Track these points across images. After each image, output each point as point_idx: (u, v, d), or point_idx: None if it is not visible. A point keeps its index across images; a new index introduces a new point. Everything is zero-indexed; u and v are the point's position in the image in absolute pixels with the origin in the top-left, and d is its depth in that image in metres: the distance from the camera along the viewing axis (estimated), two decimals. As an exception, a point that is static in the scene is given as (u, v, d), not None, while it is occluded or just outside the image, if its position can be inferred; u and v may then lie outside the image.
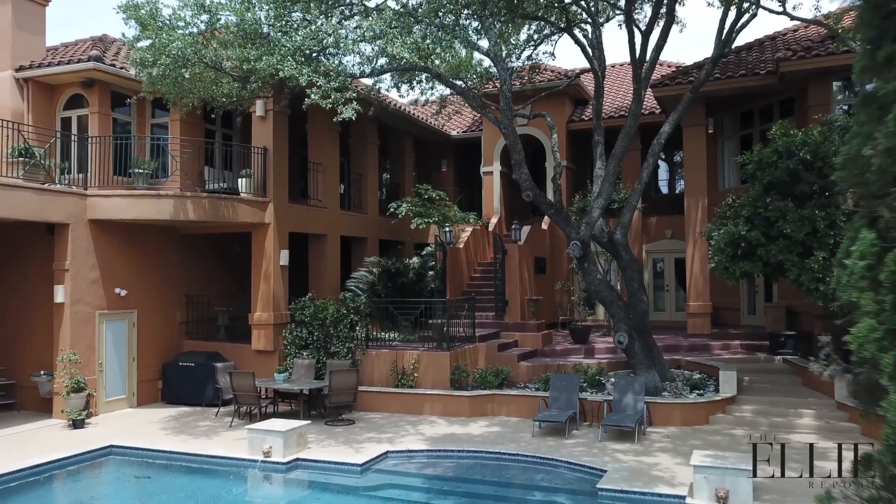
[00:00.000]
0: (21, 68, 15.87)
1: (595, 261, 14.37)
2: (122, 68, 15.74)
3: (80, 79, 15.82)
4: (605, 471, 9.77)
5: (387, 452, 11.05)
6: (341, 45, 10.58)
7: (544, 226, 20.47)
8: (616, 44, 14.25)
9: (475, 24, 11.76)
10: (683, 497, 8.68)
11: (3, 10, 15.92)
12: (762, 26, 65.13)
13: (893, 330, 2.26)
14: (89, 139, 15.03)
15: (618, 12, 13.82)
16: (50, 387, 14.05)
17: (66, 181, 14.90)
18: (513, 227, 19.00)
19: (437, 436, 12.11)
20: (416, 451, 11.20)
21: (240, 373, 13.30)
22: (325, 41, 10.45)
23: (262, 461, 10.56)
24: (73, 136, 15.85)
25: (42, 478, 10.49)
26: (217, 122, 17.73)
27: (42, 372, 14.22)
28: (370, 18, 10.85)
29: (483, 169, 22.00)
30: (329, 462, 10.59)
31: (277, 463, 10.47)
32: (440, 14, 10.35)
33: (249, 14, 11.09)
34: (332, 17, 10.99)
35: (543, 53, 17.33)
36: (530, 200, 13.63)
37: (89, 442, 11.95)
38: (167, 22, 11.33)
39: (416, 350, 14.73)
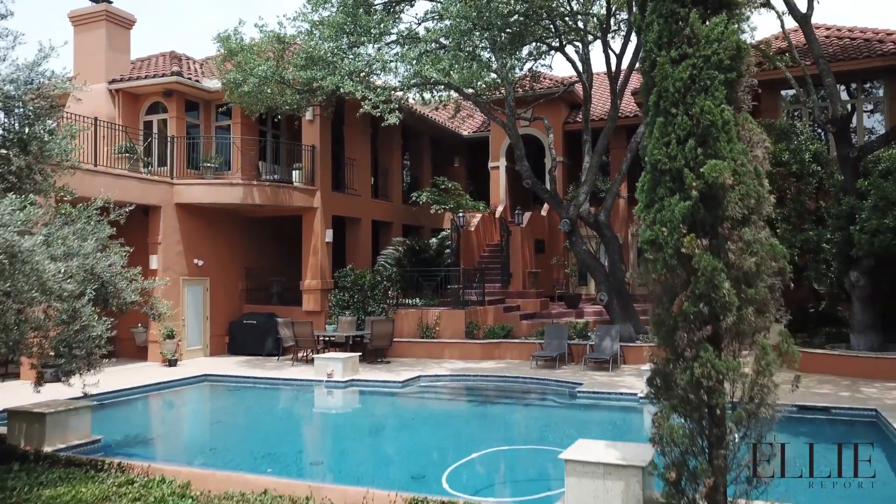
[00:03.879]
0: (113, 81, 19.40)
1: (581, 235, 17.78)
2: (196, 81, 19.26)
3: (161, 89, 19.29)
4: (583, 384, 13.22)
5: (419, 376, 14.58)
6: (386, 67, 14.06)
7: (543, 213, 23.88)
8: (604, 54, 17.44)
9: (487, 54, 15.26)
10: (636, 394, 12.12)
11: (98, 33, 19.46)
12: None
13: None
14: (174, 139, 18.55)
15: (598, 37, 17.19)
16: (145, 336, 17.59)
17: (149, 172, 18.38)
18: (516, 212, 22.45)
19: (456, 368, 15.60)
20: (441, 375, 14.76)
21: (300, 323, 16.83)
22: (373, 66, 13.93)
23: (327, 381, 14.06)
24: (154, 135, 19.35)
25: (160, 392, 14.04)
26: (268, 124, 21.25)
27: (139, 324, 17.75)
28: (407, 47, 14.32)
29: (490, 164, 25.43)
30: (377, 381, 14.12)
31: (338, 381, 13.98)
32: (461, 47, 13.79)
33: (313, 42, 14.59)
34: (378, 45, 14.46)
35: (542, 66, 20.77)
36: (529, 187, 17.08)
37: (186, 373, 15.47)
38: (250, 48, 14.82)
39: (438, 309, 18.21)
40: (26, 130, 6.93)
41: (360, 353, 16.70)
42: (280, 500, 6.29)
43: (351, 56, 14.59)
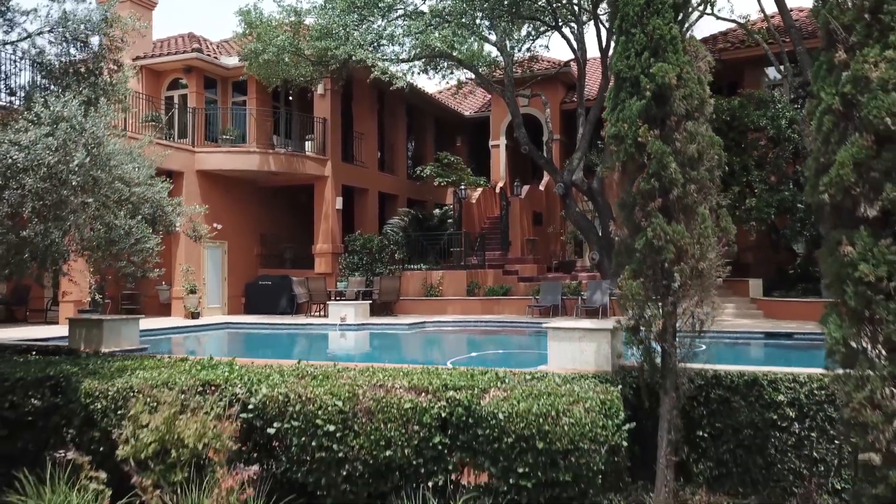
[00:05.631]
0: (137, 58, 20.69)
1: (575, 200, 19.06)
2: (215, 58, 20.57)
3: (181, 66, 20.61)
4: (574, 324, 14.51)
5: (425, 322, 15.92)
6: (394, 39, 15.36)
7: (541, 187, 25.14)
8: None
9: (487, 23, 16.56)
10: (621, 328, 13.38)
11: (122, 13, 20.67)
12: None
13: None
14: (195, 110, 19.87)
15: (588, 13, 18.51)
16: (169, 294, 18.88)
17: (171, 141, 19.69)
18: (515, 184, 23.72)
19: (458, 319, 16.92)
20: (444, 321, 16.14)
21: (315, 279, 18.16)
22: (382, 36, 15.24)
23: (340, 324, 15.35)
24: (176, 106, 20.68)
25: (187, 335, 15.36)
26: (281, 101, 22.57)
27: (163, 283, 19.04)
28: (412, 19, 15.63)
29: (491, 143, 26.67)
30: (387, 324, 15.49)
31: (351, 325, 15.28)
32: (463, 17, 15.11)
33: (328, 16, 15.90)
34: (386, 18, 15.77)
35: (540, 46, 22.07)
36: (527, 153, 18.35)
37: (208, 321, 16.79)
38: (269, 21, 16.12)
39: (441, 271, 19.50)
40: (100, 65, 8.20)
41: (370, 303, 18.02)
42: (312, 366, 7.57)
43: (362, 29, 15.88)
